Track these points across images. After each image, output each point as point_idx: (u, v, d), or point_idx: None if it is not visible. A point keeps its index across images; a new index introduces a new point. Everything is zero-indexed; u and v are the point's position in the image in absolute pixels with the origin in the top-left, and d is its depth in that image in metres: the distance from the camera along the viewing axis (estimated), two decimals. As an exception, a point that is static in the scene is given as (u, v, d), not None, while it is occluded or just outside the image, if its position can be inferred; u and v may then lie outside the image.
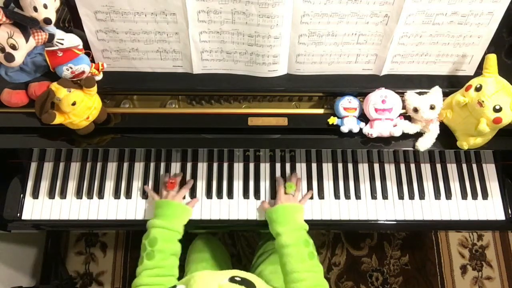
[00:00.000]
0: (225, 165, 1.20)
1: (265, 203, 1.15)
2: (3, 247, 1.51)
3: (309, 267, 0.95)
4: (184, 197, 1.14)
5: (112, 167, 1.20)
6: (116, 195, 1.17)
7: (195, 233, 1.48)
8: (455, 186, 1.20)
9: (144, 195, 1.17)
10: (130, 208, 1.16)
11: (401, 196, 1.18)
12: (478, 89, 0.93)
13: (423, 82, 1.05)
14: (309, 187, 1.18)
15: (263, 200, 1.16)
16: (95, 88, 0.94)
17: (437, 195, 1.19)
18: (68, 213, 1.15)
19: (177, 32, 0.95)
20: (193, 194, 1.17)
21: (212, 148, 1.19)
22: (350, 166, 1.21)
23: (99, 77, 1.01)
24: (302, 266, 0.94)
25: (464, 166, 1.22)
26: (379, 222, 1.16)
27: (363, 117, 1.02)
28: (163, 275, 0.96)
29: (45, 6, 0.87)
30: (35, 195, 1.16)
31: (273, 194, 1.17)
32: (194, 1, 0.89)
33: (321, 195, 1.18)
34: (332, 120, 1.01)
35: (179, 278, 0.97)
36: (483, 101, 0.91)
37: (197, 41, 0.97)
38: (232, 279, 0.70)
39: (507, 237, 1.99)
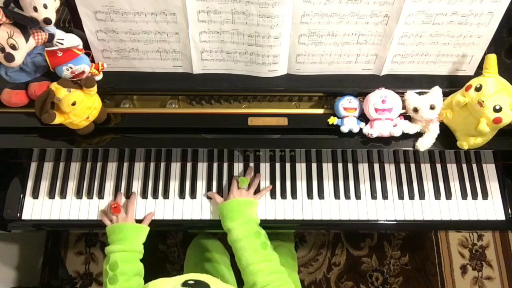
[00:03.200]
0: (225, 165, 1.20)
1: (216, 196, 1.13)
2: (3, 247, 1.51)
3: (264, 257, 0.95)
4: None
5: (112, 167, 1.20)
6: (116, 195, 1.17)
7: (195, 233, 1.48)
8: (455, 186, 1.20)
9: (144, 195, 1.17)
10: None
11: (401, 196, 1.18)
12: (478, 89, 0.93)
13: (423, 82, 1.05)
14: (309, 187, 1.18)
15: (212, 192, 1.15)
16: (95, 88, 0.94)
17: (437, 195, 1.19)
18: (68, 213, 1.15)
19: (177, 32, 0.95)
20: (193, 194, 1.17)
21: (212, 148, 1.19)
22: (350, 166, 1.21)
23: (99, 77, 1.01)
24: (256, 257, 0.94)
25: (464, 166, 1.22)
26: (379, 222, 1.16)
27: (363, 117, 1.02)
28: None
29: (45, 6, 0.87)
30: (35, 195, 1.16)
31: (272, 194, 1.17)
32: (194, 1, 0.89)
33: (321, 195, 1.18)
34: (332, 120, 1.01)
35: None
36: (483, 101, 0.91)
37: (197, 41, 0.97)
38: (185, 284, 0.70)
39: (507, 237, 1.99)
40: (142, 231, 1.08)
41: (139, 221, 1.12)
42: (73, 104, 0.90)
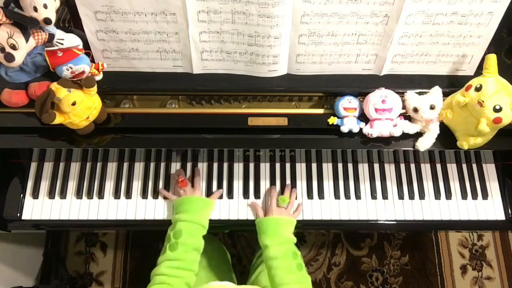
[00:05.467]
0: (225, 165, 1.20)
1: (258, 207, 1.13)
2: (3, 247, 1.51)
3: (298, 279, 0.95)
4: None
5: (112, 167, 1.20)
6: (116, 195, 1.17)
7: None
8: (455, 186, 1.20)
9: (144, 195, 1.17)
10: (130, 208, 1.16)
11: (401, 196, 1.18)
12: (478, 89, 0.93)
13: (423, 82, 1.05)
14: (309, 187, 1.18)
15: (256, 203, 1.15)
16: (95, 88, 0.94)
17: (437, 195, 1.19)
18: (68, 213, 1.15)
19: (177, 32, 0.96)
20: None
21: (212, 148, 1.19)
22: (350, 166, 1.21)
23: (99, 77, 1.01)
24: (290, 277, 0.94)
25: (464, 166, 1.22)
26: (379, 222, 1.16)
27: (363, 117, 1.02)
28: (183, 268, 0.95)
29: (45, 6, 0.87)
30: (35, 195, 1.16)
31: (273, 194, 1.17)
32: (194, 1, 0.89)
33: (321, 195, 1.18)
34: (332, 120, 1.01)
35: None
36: (483, 101, 0.91)
37: (197, 41, 0.97)
38: None
39: (507, 237, 1.99)
40: (209, 205, 1.09)
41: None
42: (73, 104, 0.90)
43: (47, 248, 1.82)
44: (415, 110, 0.98)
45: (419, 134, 1.02)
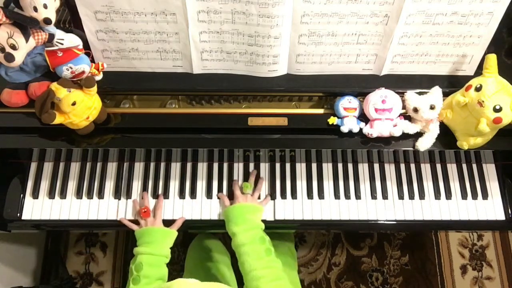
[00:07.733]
0: (225, 165, 1.20)
1: (225, 198, 1.13)
2: (3, 247, 1.51)
3: (267, 264, 0.95)
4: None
5: (112, 167, 1.20)
6: (116, 195, 1.17)
7: (195, 233, 1.48)
8: (455, 186, 1.20)
9: (144, 195, 1.17)
10: (130, 208, 1.16)
11: (401, 196, 1.18)
12: (478, 89, 0.93)
13: (423, 82, 1.05)
14: (309, 187, 1.18)
15: (222, 194, 1.15)
16: (95, 88, 0.94)
17: (437, 195, 1.19)
18: (68, 213, 1.15)
19: (177, 32, 0.96)
20: (193, 194, 1.17)
21: (212, 148, 1.19)
22: (350, 166, 1.21)
23: (99, 77, 1.01)
24: (260, 263, 0.94)
25: (464, 166, 1.22)
26: (379, 222, 1.16)
27: (363, 117, 1.02)
28: None
29: (45, 6, 0.87)
30: (35, 195, 1.16)
31: (272, 194, 1.17)
32: (194, 1, 0.89)
33: (321, 195, 1.18)
34: (332, 120, 1.01)
35: (179, 277, 0.97)
36: (483, 101, 0.91)
37: (197, 41, 0.97)
38: None
39: (507, 237, 1.99)
40: (170, 235, 1.08)
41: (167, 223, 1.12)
42: (73, 104, 0.90)
43: (47, 248, 1.82)
44: (415, 110, 0.98)
45: (419, 134, 1.02)
